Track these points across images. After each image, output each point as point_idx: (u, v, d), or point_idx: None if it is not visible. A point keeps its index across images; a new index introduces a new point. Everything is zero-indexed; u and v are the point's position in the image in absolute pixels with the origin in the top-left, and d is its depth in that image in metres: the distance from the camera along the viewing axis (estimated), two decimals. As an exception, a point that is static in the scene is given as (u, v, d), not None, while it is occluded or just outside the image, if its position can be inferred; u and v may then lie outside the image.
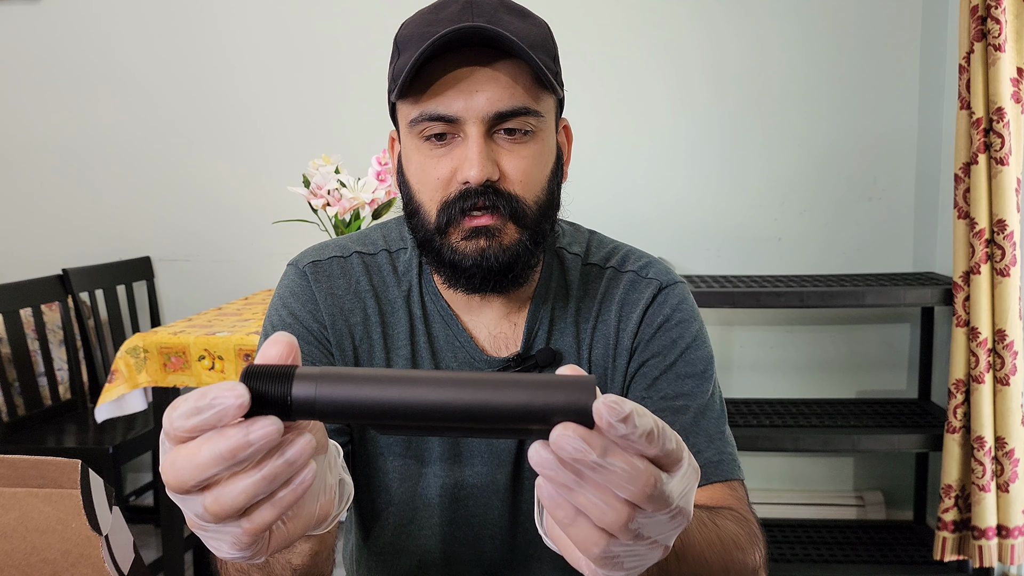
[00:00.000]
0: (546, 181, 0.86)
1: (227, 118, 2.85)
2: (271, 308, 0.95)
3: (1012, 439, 2.09)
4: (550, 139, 0.87)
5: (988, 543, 2.13)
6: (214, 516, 0.44)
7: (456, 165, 0.82)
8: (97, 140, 2.89)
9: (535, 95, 0.82)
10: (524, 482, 0.95)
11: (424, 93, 0.81)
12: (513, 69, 0.81)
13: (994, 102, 2.01)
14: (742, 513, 0.84)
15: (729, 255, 2.73)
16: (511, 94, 0.81)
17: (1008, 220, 2.03)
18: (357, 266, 0.94)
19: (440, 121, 0.81)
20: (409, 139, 0.85)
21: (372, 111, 2.78)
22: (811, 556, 2.42)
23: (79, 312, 2.56)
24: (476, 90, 0.80)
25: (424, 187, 0.84)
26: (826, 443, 2.34)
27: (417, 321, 0.93)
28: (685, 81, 2.69)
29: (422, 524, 0.95)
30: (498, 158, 0.82)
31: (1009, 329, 2.06)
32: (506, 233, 0.83)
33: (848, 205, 2.69)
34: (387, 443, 0.94)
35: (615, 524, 0.44)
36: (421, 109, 0.81)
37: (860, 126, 2.65)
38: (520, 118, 0.81)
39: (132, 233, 2.92)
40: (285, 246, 2.77)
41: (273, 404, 0.43)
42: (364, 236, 0.98)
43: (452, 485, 0.94)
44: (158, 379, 2.05)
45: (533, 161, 0.84)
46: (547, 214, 0.87)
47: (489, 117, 0.80)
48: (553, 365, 0.91)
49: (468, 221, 0.82)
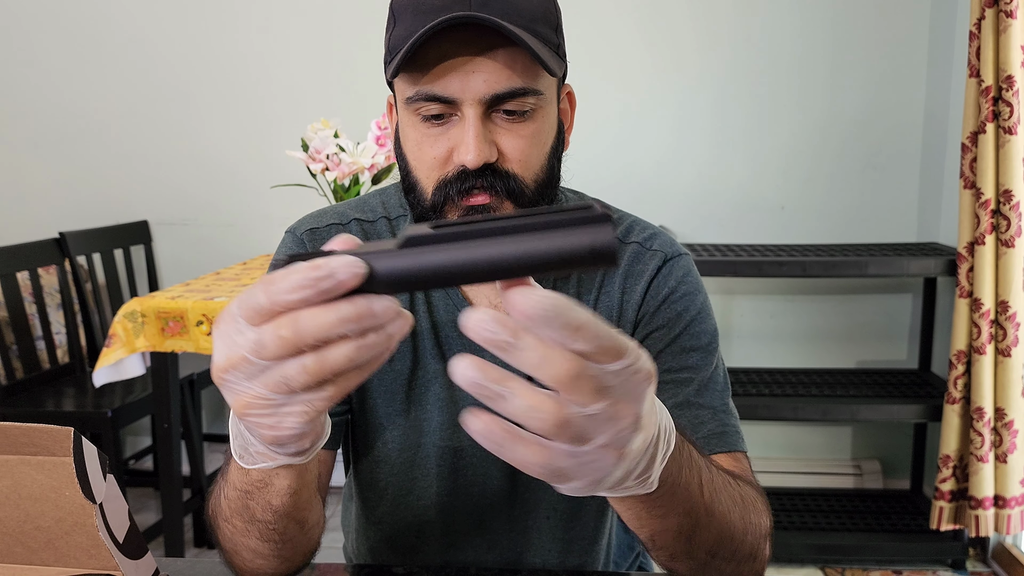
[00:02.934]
0: (545, 158, 0.85)
1: (226, 81, 2.81)
2: (267, 275, 0.94)
3: (1012, 410, 2.08)
4: (551, 115, 0.85)
5: (985, 513, 2.14)
6: (312, 376, 0.46)
7: (453, 145, 0.81)
8: (95, 103, 2.86)
9: (534, 74, 0.80)
10: None
11: (421, 72, 0.79)
12: (511, 49, 0.79)
13: (1004, 70, 1.98)
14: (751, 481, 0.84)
15: (731, 224, 2.71)
16: (508, 76, 0.79)
17: (1015, 190, 2.01)
18: (356, 233, 0.93)
19: (437, 102, 0.79)
20: (406, 115, 0.83)
21: (372, 75, 2.74)
22: (808, 524, 2.44)
23: (77, 276, 2.55)
24: (473, 71, 0.78)
25: (420, 165, 0.83)
26: (825, 412, 2.34)
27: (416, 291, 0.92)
28: (689, 50, 2.65)
29: (420, 494, 0.95)
30: (496, 138, 0.81)
31: (1012, 300, 2.05)
32: (502, 211, 0.82)
33: (852, 174, 2.66)
34: (387, 413, 0.93)
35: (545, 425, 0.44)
36: (418, 88, 0.80)
37: (866, 94, 2.62)
38: (518, 99, 0.80)
39: (130, 197, 2.90)
40: (284, 211, 2.75)
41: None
42: (363, 202, 0.97)
43: (451, 455, 0.93)
44: (156, 344, 2.05)
45: (532, 140, 0.82)
46: (545, 192, 0.86)
47: (487, 99, 0.79)
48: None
49: (465, 200, 0.81)
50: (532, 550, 0.98)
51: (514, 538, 0.97)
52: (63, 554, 0.69)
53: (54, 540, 0.68)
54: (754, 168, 2.69)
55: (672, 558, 0.71)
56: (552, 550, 0.98)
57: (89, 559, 0.68)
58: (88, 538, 0.67)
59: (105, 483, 0.65)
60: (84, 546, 0.68)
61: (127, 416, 2.31)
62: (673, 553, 0.70)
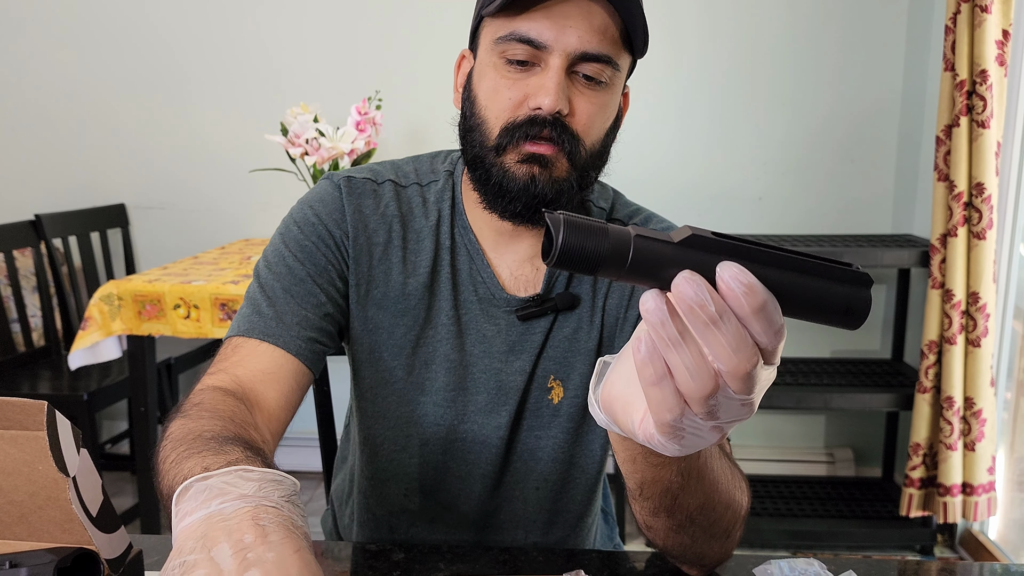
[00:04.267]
0: (605, 132, 0.88)
1: (205, 65, 2.78)
2: (295, 209, 0.95)
3: (980, 400, 2.12)
4: (617, 95, 0.89)
5: (953, 500, 2.18)
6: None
7: (530, 92, 0.83)
8: (73, 85, 2.82)
9: (619, 48, 0.84)
10: (523, 429, 0.96)
11: (517, 14, 0.82)
12: (607, 14, 0.82)
13: (978, 64, 2.00)
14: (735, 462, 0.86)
15: (710, 214, 2.73)
16: (600, 39, 0.82)
17: (986, 183, 2.04)
18: (388, 192, 0.95)
19: (527, 45, 0.82)
20: (489, 55, 0.85)
21: (353, 59, 2.73)
22: (781, 510, 2.47)
23: (52, 259, 2.53)
24: (570, 25, 0.81)
25: (492, 104, 0.85)
26: (799, 401, 2.37)
27: (443, 251, 0.94)
28: (670, 41, 2.66)
29: (416, 452, 0.97)
30: (571, 96, 0.84)
31: (983, 292, 2.08)
32: (559, 167, 0.85)
33: (830, 166, 2.69)
34: (391, 366, 0.95)
35: (697, 393, 0.46)
36: (512, 28, 0.82)
37: (845, 88, 2.64)
38: (601, 65, 0.83)
39: (107, 180, 2.87)
40: (263, 195, 2.74)
41: (584, 257, 0.45)
42: (398, 167, 0.99)
43: (452, 415, 0.95)
44: (133, 327, 2.04)
45: (601, 109, 0.85)
46: (597, 163, 0.89)
47: (575, 54, 0.82)
48: (571, 309, 0.94)
49: (528, 146, 0.84)
50: (518, 519, 0.99)
51: (501, 504, 0.99)
52: (36, 528, 0.69)
53: (27, 515, 0.68)
54: (733, 160, 2.71)
55: (654, 512, 0.73)
56: (537, 521, 1.00)
57: (63, 533, 0.68)
58: (61, 512, 0.67)
59: (79, 457, 0.66)
60: (57, 520, 0.68)
61: (103, 399, 2.30)
62: (656, 507, 0.72)
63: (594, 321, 0.95)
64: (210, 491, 0.54)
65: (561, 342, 0.95)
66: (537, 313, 0.93)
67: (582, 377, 0.95)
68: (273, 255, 0.92)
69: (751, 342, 0.44)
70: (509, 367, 0.94)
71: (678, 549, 0.78)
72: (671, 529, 0.75)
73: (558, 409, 0.96)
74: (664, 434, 0.49)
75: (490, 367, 0.94)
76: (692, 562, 0.80)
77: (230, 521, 0.51)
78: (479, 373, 0.95)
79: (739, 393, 0.46)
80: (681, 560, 0.80)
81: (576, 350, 0.95)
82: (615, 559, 0.85)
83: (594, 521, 1.06)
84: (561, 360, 0.95)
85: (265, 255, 0.93)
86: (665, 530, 0.75)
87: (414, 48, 2.70)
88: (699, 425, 0.48)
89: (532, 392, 0.95)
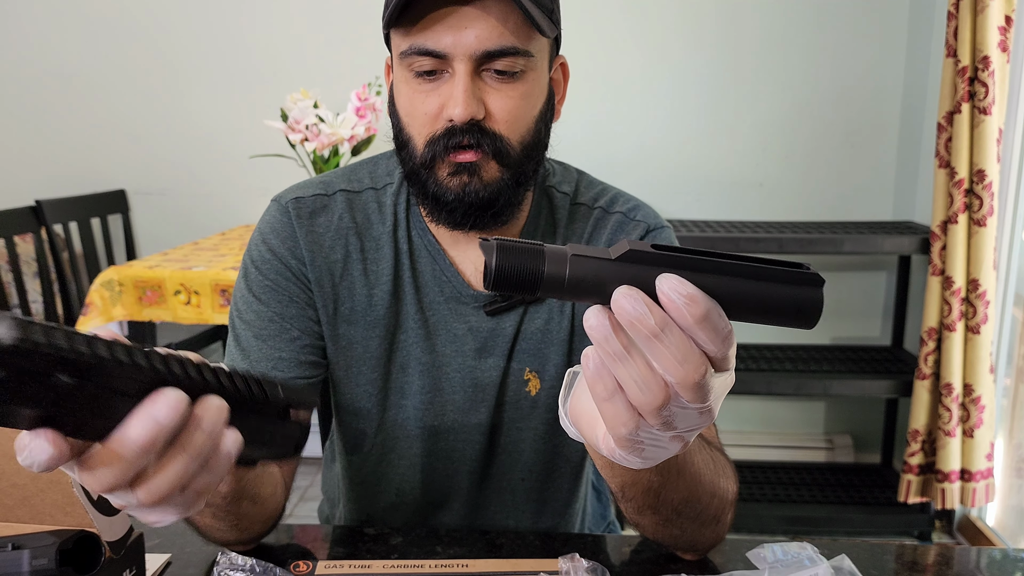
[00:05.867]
0: (533, 122, 0.86)
1: (206, 51, 2.78)
2: (251, 243, 0.95)
3: (979, 386, 2.13)
4: (541, 79, 0.86)
5: (951, 486, 2.19)
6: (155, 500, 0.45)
7: (443, 101, 0.82)
8: (73, 71, 2.82)
9: (526, 34, 0.81)
10: (504, 424, 0.96)
11: (414, 26, 0.80)
12: (504, 7, 0.79)
13: (980, 50, 1.99)
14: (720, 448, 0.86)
15: (710, 200, 2.73)
16: (500, 33, 0.79)
17: (987, 170, 2.04)
18: (341, 203, 0.94)
19: (429, 56, 0.80)
20: (400, 71, 0.84)
21: (353, 45, 2.72)
22: (779, 496, 2.48)
23: (53, 244, 2.53)
24: (465, 27, 0.79)
25: (412, 121, 0.84)
26: (798, 387, 2.38)
27: (403, 256, 0.93)
28: (669, 24, 2.65)
29: (402, 454, 0.97)
30: (485, 96, 0.82)
31: (983, 279, 2.08)
32: (488, 170, 0.83)
33: (831, 152, 2.68)
34: (370, 379, 0.94)
35: (649, 405, 0.45)
36: (411, 42, 0.81)
37: (846, 73, 2.63)
38: (509, 58, 0.81)
39: (108, 166, 2.87)
40: (263, 181, 2.74)
41: (521, 279, 0.44)
42: (351, 173, 0.98)
43: (432, 417, 0.95)
44: (133, 313, 2.04)
45: (520, 101, 0.83)
46: (532, 154, 0.87)
47: (477, 55, 0.80)
48: (540, 300, 0.93)
49: (453, 157, 0.82)
50: (507, 510, 1.00)
51: (489, 496, 0.99)
52: (38, 511, 0.70)
53: (29, 497, 0.69)
54: (734, 146, 2.70)
55: (639, 511, 0.74)
56: (526, 511, 1.00)
57: (64, 516, 0.69)
58: (63, 496, 0.68)
59: (79, 441, 0.66)
60: (59, 504, 0.69)
61: (105, 385, 2.31)
62: (640, 506, 0.73)
63: (564, 310, 0.94)
64: None
65: (534, 334, 0.94)
66: (505, 307, 0.93)
67: (557, 368, 0.95)
68: (241, 302, 0.93)
69: (698, 351, 0.44)
70: (483, 364, 0.94)
71: (669, 540, 0.79)
72: (658, 524, 0.75)
73: (536, 401, 0.96)
74: (624, 448, 0.48)
75: (464, 365, 0.94)
76: (686, 549, 0.81)
77: None
78: (453, 373, 0.94)
79: (693, 403, 0.45)
80: (674, 548, 0.81)
81: (549, 341, 0.94)
82: (609, 543, 0.86)
83: (582, 506, 1.06)
84: (535, 352, 0.94)
85: (234, 301, 0.94)
86: (653, 525, 0.76)
87: (414, 34, 2.69)
88: (657, 436, 0.47)
89: (509, 386, 0.95)
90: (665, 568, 0.79)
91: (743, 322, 0.45)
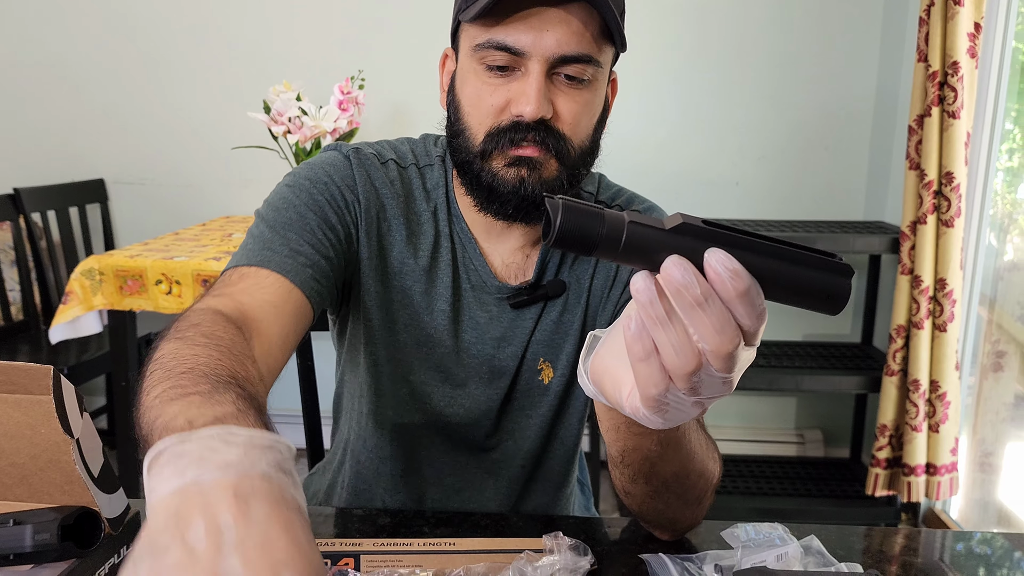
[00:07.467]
0: (592, 129, 0.89)
1: (188, 41, 2.77)
2: (301, 169, 0.93)
3: (945, 383, 2.19)
4: (602, 89, 0.89)
5: (917, 480, 2.25)
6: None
7: (512, 97, 0.84)
8: (54, 58, 2.80)
9: (600, 45, 0.84)
10: (512, 410, 1.00)
11: (495, 21, 0.82)
12: (584, 14, 0.82)
13: (950, 56, 2.05)
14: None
15: (690, 198, 2.77)
16: (579, 40, 0.82)
17: (956, 172, 2.09)
18: (393, 170, 0.96)
19: (506, 52, 0.82)
20: (469, 62, 0.86)
21: (336, 38, 2.73)
22: (752, 489, 2.53)
23: (31, 233, 2.52)
24: (547, 29, 0.81)
25: (475, 111, 0.86)
26: (771, 382, 2.43)
27: (442, 238, 0.96)
28: (645, 23, 2.69)
29: (413, 430, 1.00)
30: (553, 98, 0.84)
31: (950, 278, 2.14)
32: (547, 168, 0.86)
33: (805, 153, 2.73)
34: (403, 341, 0.96)
35: (681, 370, 0.49)
36: (490, 36, 0.82)
37: (821, 75, 2.69)
38: (581, 65, 0.83)
39: (86, 154, 2.85)
40: (244, 172, 2.74)
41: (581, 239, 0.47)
42: (396, 147, 0.99)
43: (446, 400, 0.98)
44: (114, 302, 2.04)
45: (585, 107, 0.86)
46: (587, 159, 0.90)
47: (554, 58, 0.82)
48: (561, 296, 0.97)
49: (514, 150, 0.85)
50: (502, 494, 1.03)
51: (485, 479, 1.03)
52: (36, 490, 0.71)
53: (28, 476, 0.71)
54: (711, 145, 2.75)
55: (632, 479, 0.77)
56: (519, 492, 1.04)
57: (63, 495, 0.70)
58: (62, 475, 0.70)
59: (82, 420, 0.68)
60: (58, 483, 0.70)
61: (83, 374, 2.31)
62: (635, 474, 0.76)
63: (580, 302, 0.98)
64: (188, 457, 0.44)
65: (549, 325, 0.98)
66: (528, 301, 0.96)
67: (569, 356, 0.99)
68: (279, 200, 0.89)
69: (734, 324, 0.47)
70: (501, 353, 0.97)
71: (652, 514, 0.82)
72: (647, 495, 0.79)
73: (548, 389, 1.00)
74: (649, 407, 0.52)
75: (482, 353, 0.97)
76: (664, 527, 0.84)
77: (207, 496, 0.42)
78: (470, 359, 0.97)
79: (720, 371, 0.49)
80: (655, 525, 0.84)
81: (563, 332, 0.98)
82: (591, 524, 0.89)
83: (571, 491, 1.10)
84: (549, 343, 0.98)
85: (268, 201, 0.90)
86: (642, 496, 0.79)
87: (397, 28, 2.70)
88: (682, 400, 0.51)
89: (523, 374, 0.99)
90: (644, 548, 0.83)
91: (774, 301, 0.49)
